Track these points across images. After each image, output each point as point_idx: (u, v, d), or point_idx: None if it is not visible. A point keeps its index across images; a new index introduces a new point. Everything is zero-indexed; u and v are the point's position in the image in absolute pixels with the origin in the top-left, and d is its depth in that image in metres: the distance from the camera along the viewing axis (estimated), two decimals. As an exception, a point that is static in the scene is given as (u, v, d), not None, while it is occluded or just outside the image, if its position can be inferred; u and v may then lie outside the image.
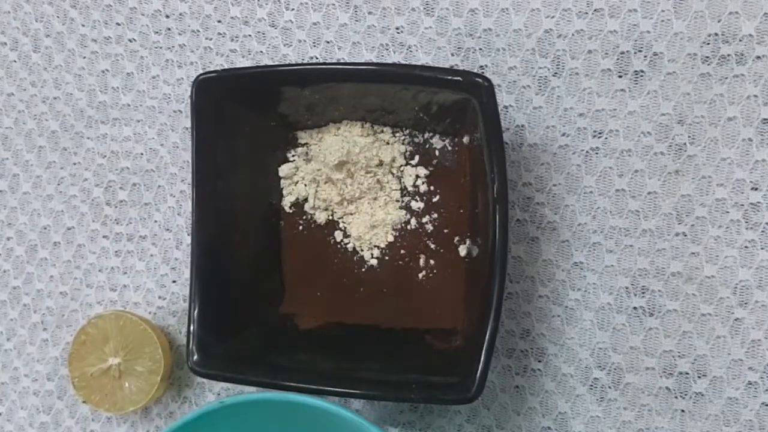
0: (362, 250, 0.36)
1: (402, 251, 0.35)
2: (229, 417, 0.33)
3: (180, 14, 0.39)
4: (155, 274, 0.40)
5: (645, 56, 0.34)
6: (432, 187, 0.35)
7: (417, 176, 0.35)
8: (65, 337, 0.41)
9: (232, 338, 0.34)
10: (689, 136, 0.33)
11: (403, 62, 0.37)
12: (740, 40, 0.33)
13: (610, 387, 0.35)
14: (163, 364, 0.37)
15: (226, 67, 0.39)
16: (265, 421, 0.33)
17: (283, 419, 0.33)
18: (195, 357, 0.33)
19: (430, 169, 0.35)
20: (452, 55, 0.36)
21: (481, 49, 0.36)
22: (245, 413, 0.33)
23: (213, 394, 0.39)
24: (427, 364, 0.33)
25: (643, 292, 0.34)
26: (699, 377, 0.34)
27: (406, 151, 0.35)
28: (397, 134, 0.36)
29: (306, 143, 0.36)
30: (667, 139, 0.34)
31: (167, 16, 0.40)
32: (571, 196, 0.35)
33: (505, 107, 0.35)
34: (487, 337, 0.29)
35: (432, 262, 0.35)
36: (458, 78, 0.30)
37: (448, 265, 0.35)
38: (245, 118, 0.35)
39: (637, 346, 0.34)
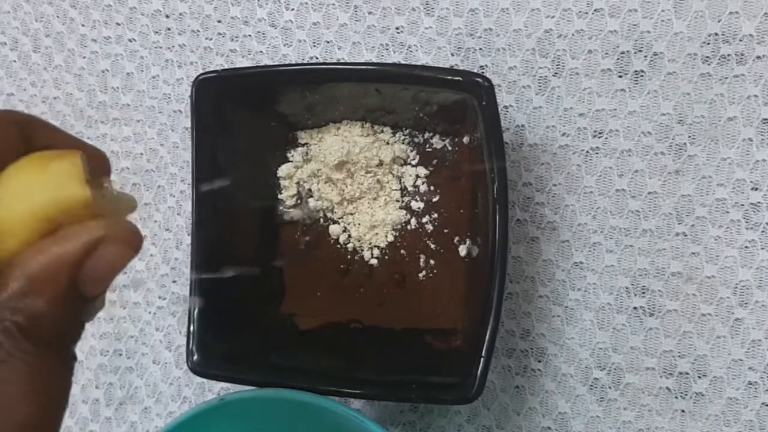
0: (362, 250, 0.36)
1: (402, 251, 0.35)
2: (229, 414, 0.33)
3: (180, 14, 0.39)
4: (155, 274, 0.40)
5: (645, 56, 0.34)
6: (432, 187, 0.35)
7: (417, 176, 0.35)
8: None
9: (232, 338, 0.34)
10: (689, 136, 0.33)
11: (403, 62, 0.37)
12: (740, 40, 0.33)
13: (610, 387, 0.35)
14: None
15: (226, 67, 0.39)
16: (265, 419, 0.33)
17: (284, 417, 0.33)
18: (195, 357, 0.33)
19: (430, 169, 0.35)
20: (452, 55, 0.36)
21: (481, 49, 0.36)
22: (246, 410, 0.33)
23: (213, 394, 0.39)
24: (427, 364, 0.33)
25: (643, 292, 0.34)
26: (699, 377, 0.34)
27: (406, 151, 0.35)
28: (397, 134, 0.36)
29: (306, 143, 0.36)
30: (667, 139, 0.34)
31: (167, 16, 0.40)
32: (571, 196, 0.35)
33: (505, 107, 0.35)
34: (487, 337, 0.29)
35: (432, 262, 0.35)
36: (458, 78, 0.30)
37: (448, 265, 0.35)
38: (245, 118, 0.35)
39: (637, 346, 0.34)
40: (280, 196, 0.37)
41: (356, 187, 0.35)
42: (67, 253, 0.16)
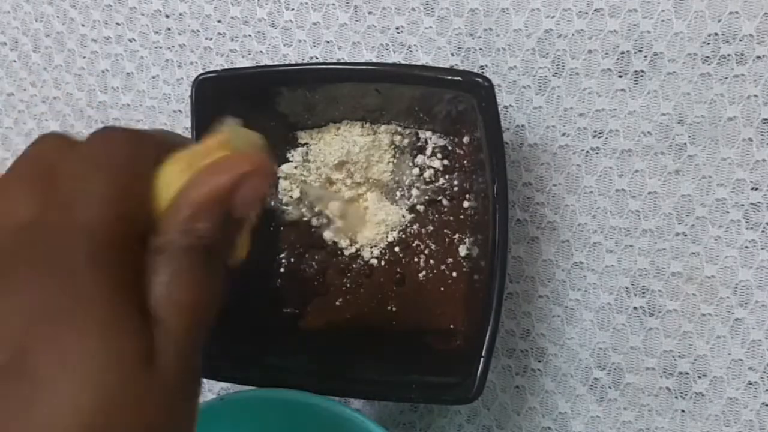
0: (362, 250, 0.36)
1: (402, 251, 0.35)
2: (229, 414, 0.33)
3: (180, 14, 0.39)
4: (155, 274, 0.40)
5: (645, 56, 0.34)
6: (432, 187, 0.35)
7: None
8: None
9: (233, 338, 0.34)
10: (689, 136, 0.33)
11: (403, 62, 0.37)
12: (740, 40, 0.33)
13: (610, 387, 0.35)
14: None
15: (226, 67, 0.39)
16: (265, 419, 0.33)
17: (284, 417, 0.33)
18: (195, 357, 0.33)
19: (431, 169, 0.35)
20: (452, 55, 0.36)
21: (481, 49, 0.36)
22: (246, 410, 0.33)
23: (213, 394, 0.39)
24: (427, 364, 0.33)
25: (643, 292, 0.34)
26: (699, 377, 0.34)
27: (406, 150, 0.35)
28: (398, 134, 0.36)
29: (306, 143, 0.36)
30: (667, 139, 0.34)
31: (167, 16, 0.40)
32: (571, 196, 0.35)
33: (505, 107, 0.35)
34: (487, 337, 0.29)
35: (432, 262, 0.35)
36: (458, 78, 0.30)
37: (448, 265, 0.35)
38: (245, 118, 0.35)
39: (637, 346, 0.34)
40: (280, 196, 0.37)
41: (356, 187, 0.35)
42: (224, 184, 0.20)
